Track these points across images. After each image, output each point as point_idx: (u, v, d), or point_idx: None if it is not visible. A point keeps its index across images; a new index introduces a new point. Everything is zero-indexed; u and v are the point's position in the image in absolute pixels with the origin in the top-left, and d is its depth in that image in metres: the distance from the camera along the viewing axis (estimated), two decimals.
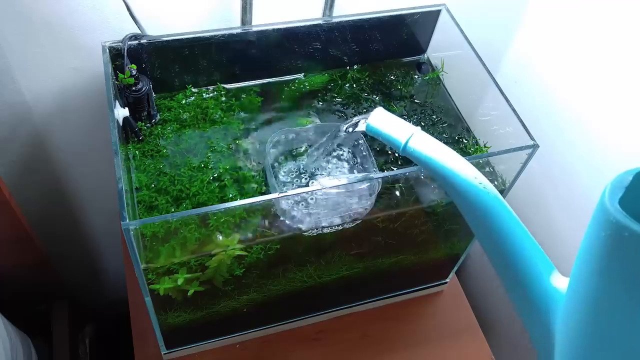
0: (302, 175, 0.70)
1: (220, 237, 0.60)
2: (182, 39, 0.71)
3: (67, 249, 1.08)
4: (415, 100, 0.78)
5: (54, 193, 0.95)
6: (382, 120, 0.56)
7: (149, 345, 0.79)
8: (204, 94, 0.75)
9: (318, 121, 0.75)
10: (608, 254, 0.33)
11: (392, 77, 0.80)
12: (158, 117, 0.72)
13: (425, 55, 0.85)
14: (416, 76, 0.81)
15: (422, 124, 0.77)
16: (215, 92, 0.75)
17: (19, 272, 0.92)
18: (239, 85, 0.78)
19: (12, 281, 0.92)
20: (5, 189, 0.75)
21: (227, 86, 0.77)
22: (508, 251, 0.46)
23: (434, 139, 0.53)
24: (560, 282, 0.43)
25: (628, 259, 0.31)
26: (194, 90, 0.75)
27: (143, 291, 0.61)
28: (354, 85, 0.78)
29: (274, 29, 0.74)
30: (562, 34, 0.88)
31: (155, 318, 0.67)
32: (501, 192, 0.53)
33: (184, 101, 0.73)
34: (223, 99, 0.75)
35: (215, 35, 0.72)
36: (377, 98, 0.78)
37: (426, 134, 0.53)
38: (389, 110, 0.57)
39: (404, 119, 0.56)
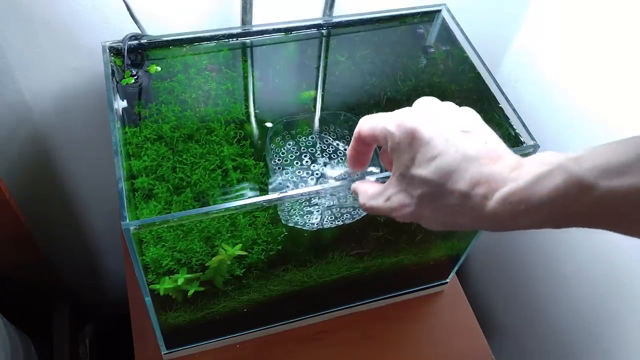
0: (304, 169, 0.70)
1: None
2: (182, 39, 0.71)
3: (67, 249, 1.08)
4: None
5: (54, 193, 0.95)
6: None
7: (149, 345, 0.79)
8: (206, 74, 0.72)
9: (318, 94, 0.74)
10: None
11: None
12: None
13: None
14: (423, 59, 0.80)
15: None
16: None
17: (19, 272, 0.92)
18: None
19: (12, 281, 0.92)
20: (5, 189, 0.75)
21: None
22: None
23: None
24: None
25: None
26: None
27: (143, 291, 0.61)
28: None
29: (274, 29, 0.74)
30: (562, 34, 0.88)
31: (155, 318, 0.67)
32: None
33: (186, 82, 0.71)
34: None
35: (215, 35, 0.72)
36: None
37: None
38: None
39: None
